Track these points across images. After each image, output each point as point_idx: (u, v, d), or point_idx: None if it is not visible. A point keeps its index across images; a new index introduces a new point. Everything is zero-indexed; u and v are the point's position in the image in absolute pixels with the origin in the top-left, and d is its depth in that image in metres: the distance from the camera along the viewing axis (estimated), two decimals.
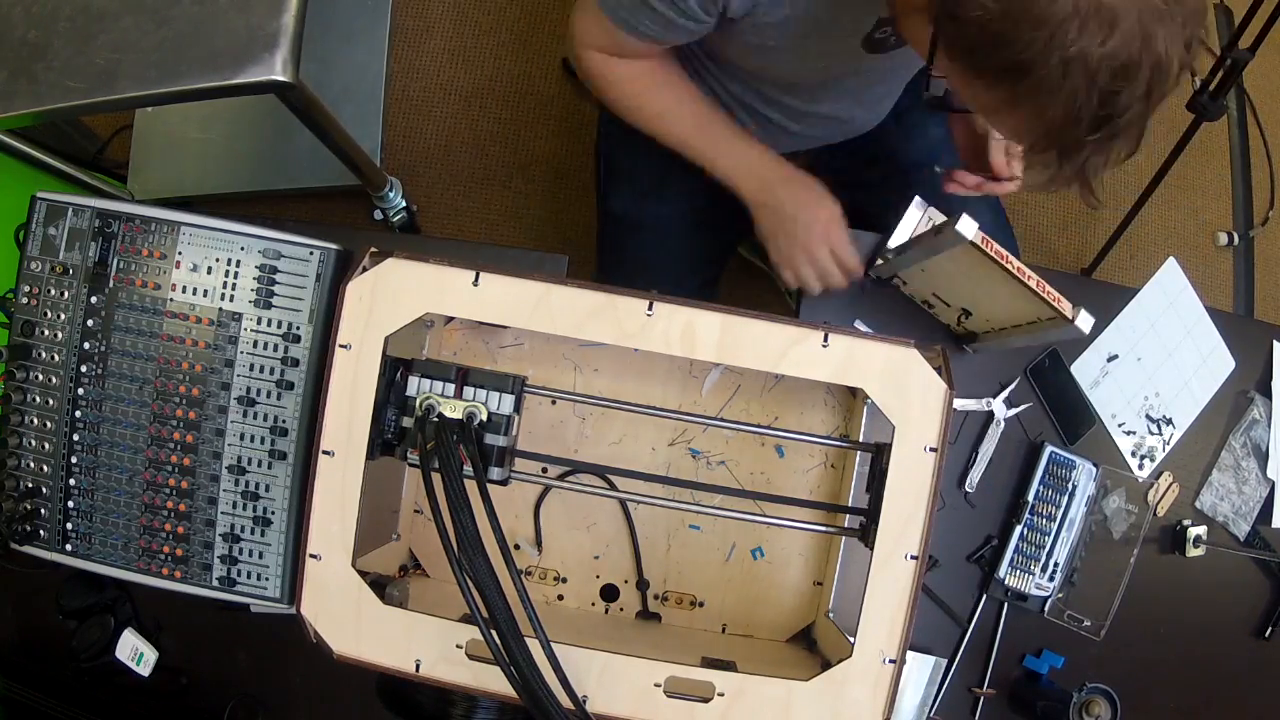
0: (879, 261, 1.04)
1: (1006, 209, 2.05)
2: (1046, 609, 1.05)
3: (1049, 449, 1.05)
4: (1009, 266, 0.81)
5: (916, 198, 1.04)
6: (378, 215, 1.81)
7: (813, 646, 0.90)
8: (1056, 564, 1.04)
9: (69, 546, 0.89)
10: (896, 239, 1.05)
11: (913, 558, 0.70)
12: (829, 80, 1.05)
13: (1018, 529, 1.04)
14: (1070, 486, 1.05)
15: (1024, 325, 0.92)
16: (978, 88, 0.70)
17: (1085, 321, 0.83)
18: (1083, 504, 1.06)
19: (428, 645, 0.71)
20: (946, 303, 1.01)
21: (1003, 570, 1.04)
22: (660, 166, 1.09)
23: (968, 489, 1.06)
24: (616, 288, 0.72)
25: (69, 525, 0.89)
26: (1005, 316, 0.94)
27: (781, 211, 1.03)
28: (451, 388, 0.70)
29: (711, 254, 1.30)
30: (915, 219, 1.04)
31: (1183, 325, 1.12)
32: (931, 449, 0.71)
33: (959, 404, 1.05)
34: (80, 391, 0.87)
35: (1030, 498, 1.04)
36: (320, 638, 0.72)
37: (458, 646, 0.70)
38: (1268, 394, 1.13)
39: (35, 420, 0.88)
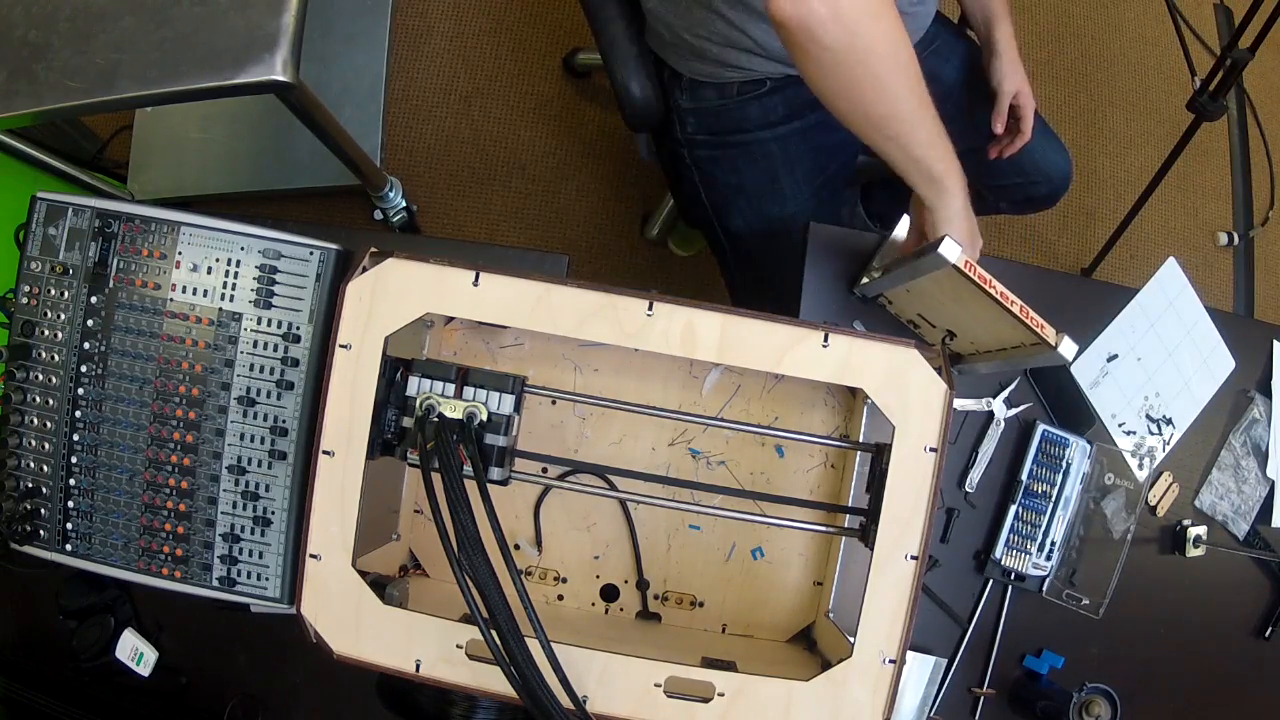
0: (864, 280, 1.04)
1: None
2: (1045, 588, 1.05)
3: (1041, 427, 1.05)
4: (992, 291, 0.81)
5: (905, 217, 1.03)
6: (378, 215, 1.81)
7: (813, 646, 0.90)
8: (1053, 543, 1.04)
9: (69, 546, 0.89)
10: (883, 256, 1.05)
11: (913, 558, 0.70)
12: None
13: (1012, 508, 1.04)
14: (1064, 465, 1.05)
15: (1008, 349, 0.92)
16: None
17: (1069, 348, 0.83)
18: (1078, 482, 1.05)
19: (428, 645, 0.71)
20: (931, 324, 1.01)
21: (999, 550, 1.04)
22: (764, 168, 1.06)
23: (968, 489, 1.06)
24: (616, 288, 0.72)
25: (69, 525, 0.89)
26: (989, 340, 0.94)
27: (972, 219, 0.97)
28: (451, 388, 0.70)
29: (841, 214, 1.31)
30: (903, 235, 1.04)
31: (1183, 325, 1.12)
32: (931, 449, 0.71)
33: (959, 404, 1.05)
34: (80, 391, 0.87)
35: (1024, 477, 1.04)
36: (320, 638, 0.72)
37: (458, 646, 0.70)
38: (1268, 394, 1.13)
39: (35, 420, 0.88)
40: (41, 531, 0.89)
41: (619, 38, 1.19)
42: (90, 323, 0.87)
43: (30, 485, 0.89)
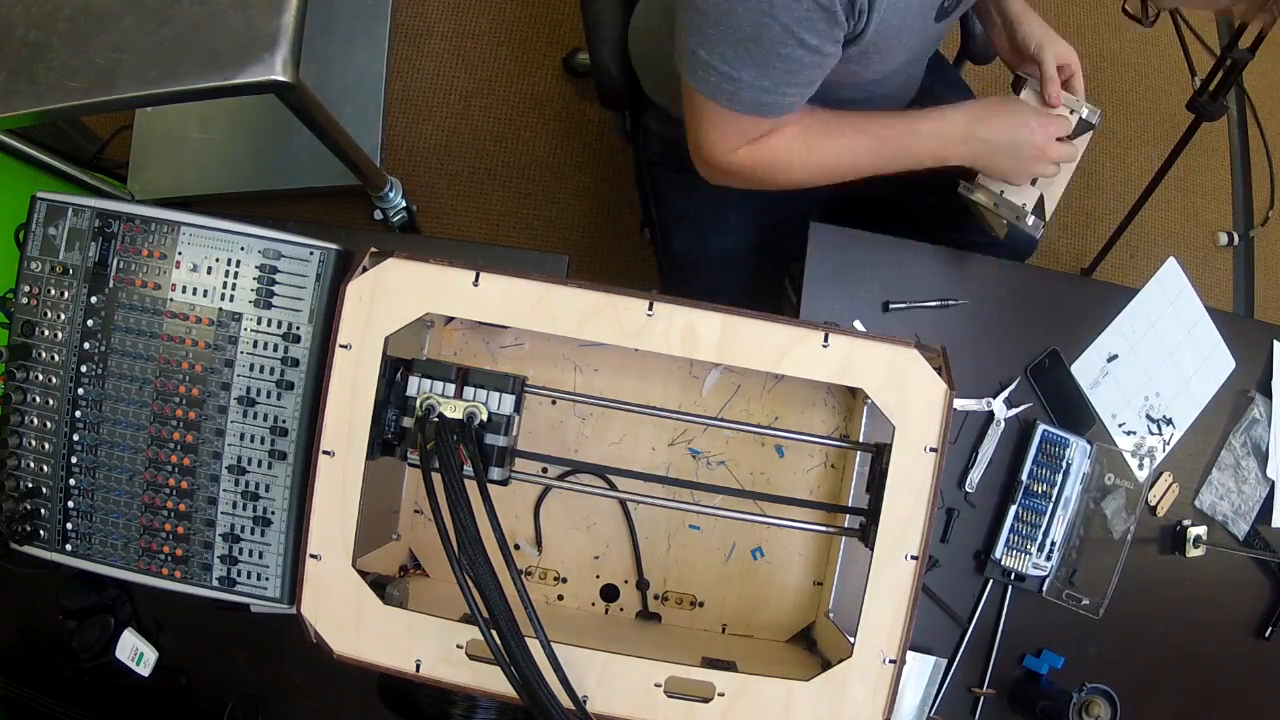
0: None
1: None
2: (1045, 588, 1.05)
3: (1041, 427, 1.05)
4: None
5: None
6: (378, 215, 1.81)
7: (813, 646, 0.90)
8: (1053, 543, 1.04)
9: (69, 546, 0.89)
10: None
11: (913, 558, 0.70)
12: (899, 68, 1.02)
13: (1012, 509, 1.04)
14: (1064, 465, 1.05)
15: None
16: None
17: None
18: (1078, 482, 1.05)
19: (428, 645, 0.71)
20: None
21: (999, 550, 1.04)
22: (717, 201, 1.07)
23: (968, 489, 1.06)
24: (616, 288, 0.72)
25: (69, 525, 0.89)
26: None
27: (998, 153, 0.99)
28: (451, 388, 0.70)
29: (775, 275, 1.31)
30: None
31: (1183, 325, 1.12)
32: (931, 449, 0.71)
33: (959, 404, 1.05)
34: (80, 391, 0.87)
35: (1024, 477, 1.04)
36: (320, 638, 0.72)
37: (458, 646, 0.70)
38: (1268, 394, 1.13)
39: (35, 420, 0.88)
40: (41, 531, 0.89)
41: (605, 14, 1.18)
42: (90, 323, 0.87)
43: (30, 485, 0.89)
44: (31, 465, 0.88)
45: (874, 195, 1.32)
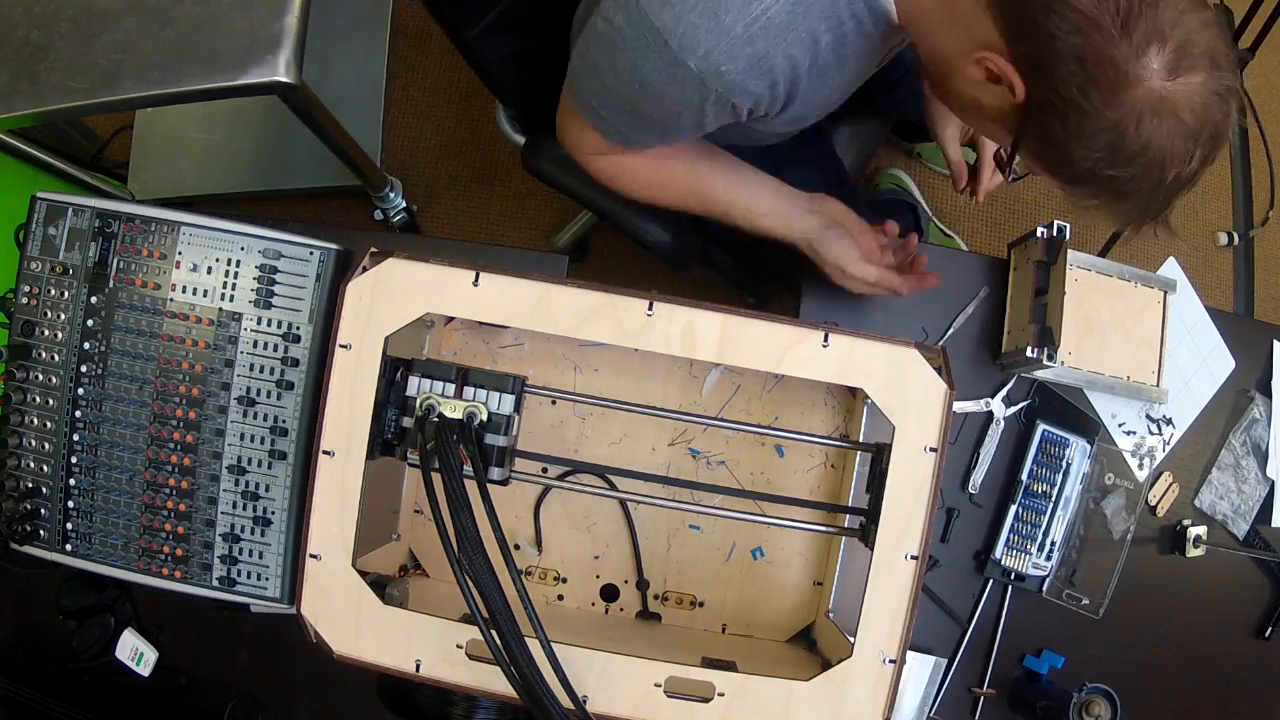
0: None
1: (1007, 209, 2.06)
2: (1045, 588, 1.05)
3: (1041, 427, 1.05)
4: None
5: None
6: (378, 215, 1.81)
7: (813, 646, 0.90)
8: (1053, 543, 1.04)
9: (69, 546, 0.89)
10: None
11: (913, 558, 0.70)
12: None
13: (1012, 509, 1.04)
14: (1064, 465, 1.05)
15: None
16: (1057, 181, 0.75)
17: None
18: (1078, 482, 1.05)
19: (428, 645, 0.71)
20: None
21: (999, 550, 1.04)
22: None
23: (972, 490, 1.06)
24: (616, 288, 0.72)
25: (69, 525, 0.89)
26: None
27: (815, 256, 1.00)
28: (451, 388, 0.71)
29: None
30: None
31: (1183, 325, 1.12)
32: (931, 449, 0.71)
33: (958, 406, 1.05)
34: (80, 391, 0.87)
35: (1024, 476, 1.04)
36: (320, 638, 0.72)
37: (458, 646, 0.70)
38: (1268, 393, 1.13)
39: (35, 420, 0.88)
40: (41, 531, 0.89)
41: None
42: (90, 323, 0.87)
43: (30, 485, 0.89)
44: (31, 465, 0.89)
45: None
